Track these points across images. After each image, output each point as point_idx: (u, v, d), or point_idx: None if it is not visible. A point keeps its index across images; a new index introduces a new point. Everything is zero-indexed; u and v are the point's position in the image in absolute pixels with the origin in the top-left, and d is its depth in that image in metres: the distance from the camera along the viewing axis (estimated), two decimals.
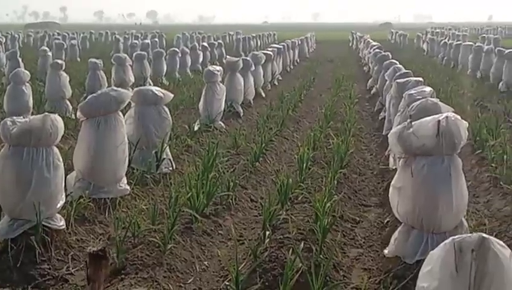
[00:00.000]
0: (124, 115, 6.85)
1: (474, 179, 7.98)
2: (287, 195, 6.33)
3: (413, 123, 4.96)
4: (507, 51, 16.89)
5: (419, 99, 6.76)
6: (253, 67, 13.98)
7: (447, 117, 4.81)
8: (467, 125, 4.89)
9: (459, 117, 4.89)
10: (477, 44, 22.80)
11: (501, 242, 2.45)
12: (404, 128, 4.95)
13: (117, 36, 36.78)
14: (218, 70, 10.82)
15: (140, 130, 7.55)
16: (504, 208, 6.57)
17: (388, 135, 5.19)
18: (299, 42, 29.96)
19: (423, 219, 4.79)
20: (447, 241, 2.49)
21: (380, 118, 11.44)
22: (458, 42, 25.96)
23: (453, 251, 2.43)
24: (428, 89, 7.57)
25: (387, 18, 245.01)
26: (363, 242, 5.85)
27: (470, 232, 5.40)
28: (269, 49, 19.24)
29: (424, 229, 4.82)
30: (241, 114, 12.08)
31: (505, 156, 7.76)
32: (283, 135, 10.48)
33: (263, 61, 15.77)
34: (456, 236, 2.49)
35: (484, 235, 2.43)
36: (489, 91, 15.94)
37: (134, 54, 17.47)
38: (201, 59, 23.04)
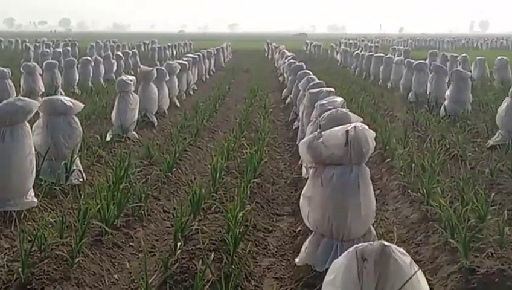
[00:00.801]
0: (32, 125, 6.66)
1: (384, 187, 8.18)
2: (200, 205, 6.30)
3: (322, 133, 5.04)
4: (416, 62, 17.44)
5: (330, 109, 6.86)
6: (167, 77, 13.90)
7: (355, 127, 4.90)
8: (374, 135, 5.00)
9: (366, 127, 4.99)
10: (388, 55, 23.47)
11: (402, 249, 2.50)
12: (314, 138, 5.02)
13: (27, 44, 35.79)
14: (131, 80, 10.69)
15: (49, 141, 7.35)
16: (411, 215, 6.75)
17: (298, 145, 5.25)
18: (215, 52, 30.02)
19: (333, 227, 4.86)
20: (349, 249, 2.52)
21: (294, 127, 11.58)
22: (370, 53, 26.64)
23: (356, 259, 2.46)
24: (339, 99, 7.71)
25: (303, 29, 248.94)
26: (276, 251, 5.88)
27: (379, 239, 5.54)
28: (184, 58, 19.19)
29: (334, 238, 4.90)
30: (155, 124, 11.97)
31: (412, 165, 7.99)
32: (197, 145, 10.44)
33: (178, 70, 15.71)
34: (359, 244, 2.52)
35: (385, 243, 2.47)
36: (399, 101, 16.40)
37: (44, 63, 17.07)
38: (115, 68, 22.71)
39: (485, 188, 7.40)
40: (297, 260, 5.07)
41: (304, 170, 7.76)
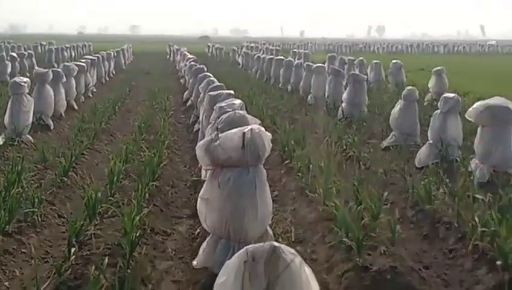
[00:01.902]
0: None
1: (283, 188, 8.29)
2: (96, 209, 6.17)
3: (219, 135, 5.04)
4: (314, 66, 17.78)
5: (228, 111, 6.88)
6: (64, 79, 13.53)
7: (251, 129, 4.94)
8: (271, 137, 5.05)
9: (263, 129, 5.04)
10: (288, 58, 23.80)
11: (292, 250, 2.53)
12: (211, 140, 5.02)
13: None
14: (25, 82, 10.36)
15: None
16: (309, 216, 6.87)
17: (196, 147, 5.23)
18: (115, 54, 29.50)
19: (230, 229, 4.88)
20: (240, 251, 2.53)
21: (194, 130, 11.54)
22: (271, 56, 26.92)
23: (245, 259, 2.47)
24: (238, 101, 7.74)
25: (206, 32, 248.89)
26: (174, 254, 5.84)
27: (276, 240, 5.60)
28: (83, 60, 18.75)
29: (231, 239, 4.91)
30: (51, 127, 11.63)
31: (310, 166, 8.13)
32: (95, 148, 10.23)
33: (75, 72, 15.33)
34: (249, 246, 2.53)
35: (275, 243, 2.49)
36: (299, 103, 16.67)
37: None
38: (9, 70, 21.91)
39: (379, 188, 7.64)
40: (195, 262, 5.06)
41: (203, 172, 7.74)
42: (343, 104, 13.87)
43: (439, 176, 7.66)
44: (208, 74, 12.62)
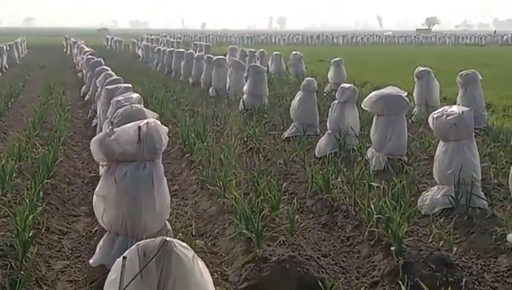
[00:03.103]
0: None
1: (184, 182, 8.23)
2: None
3: (115, 130, 4.93)
4: (215, 58, 17.76)
5: (125, 105, 6.75)
6: None
7: (147, 123, 4.86)
8: (167, 130, 4.99)
9: (159, 123, 4.97)
10: (189, 51, 23.68)
11: (184, 244, 2.49)
12: (106, 135, 4.90)
13: None
14: None
15: None
16: (210, 209, 6.85)
17: (90, 143, 5.09)
18: (8, 48, 28.41)
19: (127, 225, 4.78)
20: (131, 247, 2.47)
21: (93, 125, 11.27)
22: (172, 49, 26.71)
23: (137, 256, 2.42)
24: (135, 95, 7.62)
25: (105, 24, 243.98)
26: (70, 253, 5.69)
27: (176, 234, 5.54)
28: None
29: (128, 236, 4.81)
30: None
31: (211, 159, 8.11)
32: None
33: None
34: (141, 241, 2.48)
35: (167, 238, 2.45)
36: (200, 96, 16.60)
37: None
38: None
39: (279, 179, 7.72)
40: (91, 261, 4.93)
41: (101, 168, 7.57)
42: (244, 96, 13.94)
43: (337, 165, 7.80)
44: (106, 67, 12.36)
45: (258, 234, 5.19)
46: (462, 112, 6.49)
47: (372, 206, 5.80)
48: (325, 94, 16.10)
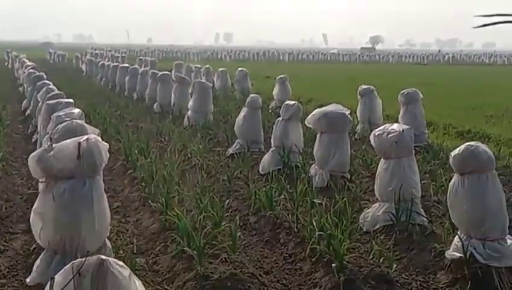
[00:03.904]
0: None
1: (126, 198, 8.12)
2: None
3: (54, 145, 4.84)
4: (160, 73, 17.68)
5: (66, 121, 6.66)
6: None
7: (87, 139, 4.79)
8: (108, 146, 4.93)
9: (100, 139, 4.90)
10: (134, 66, 23.51)
11: (121, 263, 2.46)
12: (45, 150, 4.82)
13: None
14: None
15: None
16: (152, 226, 6.77)
17: (28, 159, 4.99)
18: None
19: (66, 242, 4.70)
20: (66, 266, 2.42)
21: (33, 140, 11.05)
22: (116, 64, 26.47)
23: (72, 275, 2.37)
24: (77, 110, 7.54)
25: (49, 38, 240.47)
26: (7, 272, 5.52)
27: (116, 252, 5.46)
28: None
29: (67, 254, 4.72)
30: None
31: (154, 175, 8.03)
32: None
33: None
34: (76, 260, 2.43)
35: (102, 257, 2.42)
36: (145, 112, 16.47)
37: None
38: None
39: (222, 195, 7.70)
40: (28, 279, 4.81)
41: (40, 185, 7.42)
42: (189, 112, 13.90)
43: (281, 182, 7.82)
44: (47, 81, 12.16)
45: (200, 252, 5.15)
46: (403, 130, 6.60)
47: (314, 223, 5.83)
48: (270, 111, 16.18)
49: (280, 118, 9.53)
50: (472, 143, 5.34)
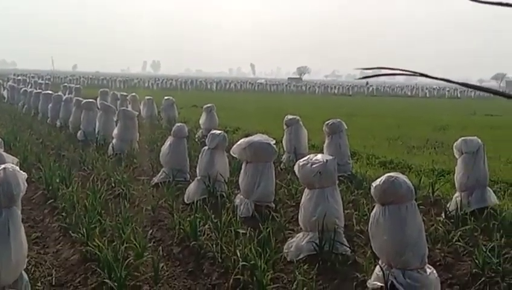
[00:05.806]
0: None
1: (46, 229, 7.90)
2: None
3: None
4: (84, 101, 17.38)
5: None
6: None
7: (5, 168, 4.65)
8: (26, 176, 4.78)
9: (17, 168, 4.76)
10: (57, 93, 23.07)
11: None
12: None
13: None
14: None
15: None
16: (72, 257, 6.59)
17: None
18: None
19: None
20: None
21: None
22: (39, 91, 25.92)
23: None
24: None
25: None
26: None
27: (34, 285, 5.29)
28: None
29: None
30: None
31: (76, 205, 7.85)
32: None
33: None
34: None
35: None
36: (68, 139, 16.13)
37: None
38: None
39: (146, 225, 7.58)
40: None
41: None
42: (114, 140, 13.70)
43: (205, 211, 7.77)
44: None
45: (121, 284, 5.05)
46: (326, 160, 6.68)
47: (238, 253, 5.80)
48: (196, 140, 16.13)
49: (206, 147, 9.50)
50: (392, 174, 5.43)
